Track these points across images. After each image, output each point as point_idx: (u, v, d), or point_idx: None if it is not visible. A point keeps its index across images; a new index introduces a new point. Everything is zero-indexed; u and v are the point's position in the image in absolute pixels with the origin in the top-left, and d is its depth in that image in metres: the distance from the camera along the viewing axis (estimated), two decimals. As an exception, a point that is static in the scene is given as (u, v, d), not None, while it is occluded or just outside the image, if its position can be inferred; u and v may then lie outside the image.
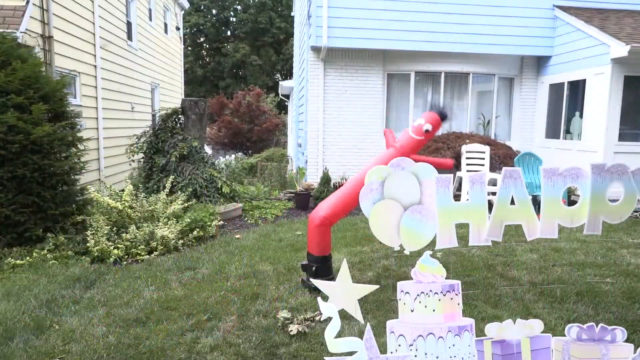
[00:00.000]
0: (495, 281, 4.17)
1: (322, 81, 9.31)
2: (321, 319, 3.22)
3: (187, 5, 16.93)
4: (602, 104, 7.96)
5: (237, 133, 19.95)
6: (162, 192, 6.30)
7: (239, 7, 34.04)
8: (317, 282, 2.14)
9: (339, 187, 8.49)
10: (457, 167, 8.04)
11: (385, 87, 9.69)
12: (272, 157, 16.40)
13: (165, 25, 14.64)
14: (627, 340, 2.18)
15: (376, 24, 8.98)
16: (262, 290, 3.97)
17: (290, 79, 19.59)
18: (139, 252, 5.02)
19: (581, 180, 2.27)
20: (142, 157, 7.88)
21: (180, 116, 8.03)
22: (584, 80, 8.48)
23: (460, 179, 7.74)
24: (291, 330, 3.16)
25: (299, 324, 3.23)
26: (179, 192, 6.70)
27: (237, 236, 5.89)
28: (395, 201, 2.31)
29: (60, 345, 3.06)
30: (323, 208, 3.92)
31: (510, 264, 4.68)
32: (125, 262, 4.89)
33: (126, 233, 5.21)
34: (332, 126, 9.48)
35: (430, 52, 9.36)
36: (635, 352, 2.14)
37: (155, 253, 5.08)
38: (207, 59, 34.65)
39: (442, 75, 9.72)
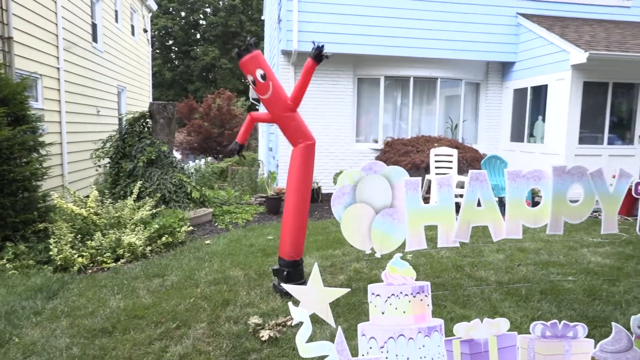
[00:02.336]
0: (464, 282, 4.25)
1: (293, 85, 9.31)
2: (293, 324, 3.21)
3: (155, 7, 16.63)
4: (563, 109, 8.27)
5: (207, 137, 19.70)
6: (129, 197, 6.15)
7: (208, 10, 33.70)
8: (288, 287, 2.12)
9: (311, 190, 8.51)
10: (426, 170, 8.18)
11: (356, 91, 9.78)
12: (242, 161, 16.25)
13: (133, 27, 14.33)
14: (587, 336, 2.26)
15: (346, 29, 9.07)
16: (232, 296, 3.92)
17: (261, 82, 19.48)
18: (105, 259, 4.87)
19: (543, 182, 2.35)
20: (108, 162, 7.67)
21: (148, 120, 7.86)
22: (546, 86, 8.79)
23: (429, 181, 7.87)
24: (262, 336, 3.13)
25: (271, 329, 3.20)
26: (147, 197, 6.55)
27: (207, 242, 5.80)
28: (367, 205, 2.33)
29: (20, 359, 2.93)
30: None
31: (477, 264, 4.78)
32: (90, 271, 4.74)
33: (91, 240, 5.05)
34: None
35: (400, 57, 9.51)
36: (595, 347, 2.22)
37: (122, 260, 4.95)
38: (176, 62, 34.10)
39: (411, 80, 9.89)
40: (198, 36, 34.26)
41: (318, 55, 3.76)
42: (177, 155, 18.87)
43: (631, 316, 2.32)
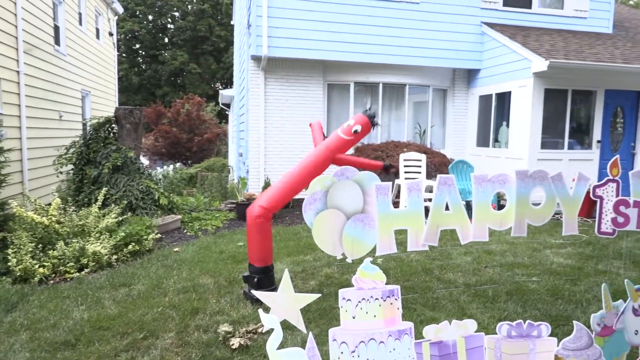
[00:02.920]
0: (433, 284, 4.32)
1: (262, 90, 9.29)
2: (263, 331, 3.17)
3: (121, 10, 16.27)
4: (526, 115, 8.55)
5: (176, 143, 19.36)
6: (93, 205, 5.96)
7: (176, 14, 33.21)
8: (258, 293, 2.10)
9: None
10: (396, 174, 8.29)
11: (326, 97, 9.83)
12: (212, 167, 16.06)
13: (97, 30, 13.97)
14: (551, 335, 2.33)
15: (316, 34, 9.12)
16: (202, 304, 3.85)
17: (231, 87, 19.34)
18: (68, 269, 4.70)
19: (508, 185, 2.42)
20: (72, 169, 7.43)
21: (114, 125, 7.67)
22: (510, 92, 9.07)
23: (399, 186, 7.98)
24: (233, 344, 3.08)
25: (241, 337, 3.16)
26: (113, 205, 6.37)
27: (176, 249, 5.69)
28: (339, 210, 2.33)
29: (-25, 376, 2.79)
30: (261, 199, 3.91)
31: (446, 267, 4.87)
32: (52, 281, 4.56)
33: (53, 250, 4.87)
34: (274, 135, 9.46)
35: (369, 63, 9.63)
36: (558, 345, 2.30)
37: (86, 270, 4.79)
38: (144, 67, 33.42)
39: (380, 86, 10.03)
40: (166, 40, 33.70)
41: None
42: (145, 161, 18.47)
43: (591, 314, 2.41)
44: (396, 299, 2.15)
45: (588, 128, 9.20)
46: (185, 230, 6.78)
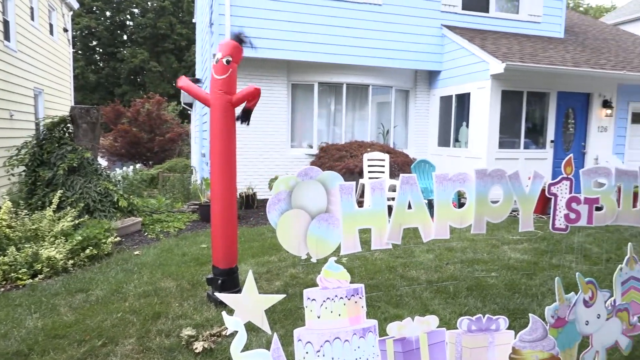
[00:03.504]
0: (397, 282, 4.39)
1: (226, 90, 9.15)
2: (227, 333, 3.14)
3: (76, 5, 15.65)
4: (484, 115, 8.82)
5: (136, 143, 18.81)
6: (48, 208, 5.72)
7: (136, 11, 32.28)
8: (222, 296, 2.07)
9: (246, 197, 8.40)
10: (360, 174, 8.37)
11: (290, 97, 9.81)
12: (174, 167, 15.71)
13: (51, 26, 13.39)
14: (509, 328, 2.42)
15: (280, 34, 9.08)
16: (164, 308, 3.76)
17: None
18: (20, 276, 4.48)
19: (467, 184, 2.48)
20: (24, 171, 7.09)
21: (69, 125, 7.37)
22: (469, 94, 9.34)
23: (363, 186, 8.06)
24: (196, 348, 3.02)
25: (205, 340, 3.11)
26: (69, 208, 6.13)
27: (136, 252, 5.53)
28: (303, 210, 2.33)
29: None
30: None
31: (409, 264, 4.96)
32: (2, 289, 4.33)
33: (4, 256, 4.63)
34: (238, 135, 9.32)
35: (333, 64, 9.68)
36: (515, 338, 2.38)
37: (40, 276, 4.58)
38: (101, 64, 32.30)
39: (344, 86, 10.10)
40: (125, 37, 32.70)
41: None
42: (103, 162, 17.85)
43: (546, 307, 2.51)
44: (360, 298, 2.17)
45: (542, 128, 9.59)
46: (146, 233, 6.60)
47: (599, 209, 2.67)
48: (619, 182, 2.71)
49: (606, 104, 9.85)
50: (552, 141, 9.56)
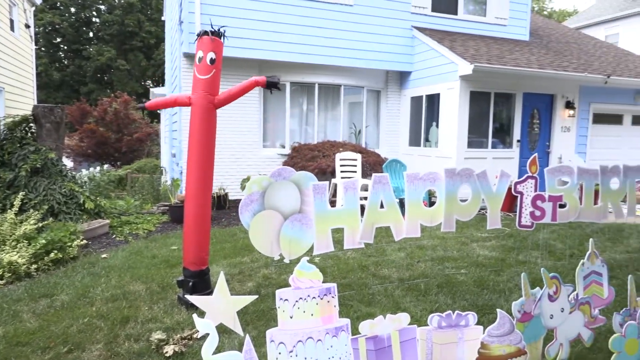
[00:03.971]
0: (369, 280, 4.43)
1: (196, 89, 9.02)
2: (199, 336, 3.09)
3: (38, 1, 15.11)
4: (454, 116, 9.00)
5: (103, 143, 18.29)
6: (9, 211, 5.50)
7: (102, 7, 31.41)
8: (193, 298, 2.04)
9: (218, 198, 8.30)
10: (333, 174, 8.40)
11: (262, 96, 9.75)
12: (144, 168, 15.36)
13: (12, 21, 12.89)
14: (478, 323, 2.47)
15: (251, 33, 9.01)
16: (133, 312, 3.67)
17: (162, 85, 18.62)
18: (-20, 282, 4.30)
19: (438, 183, 2.53)
20: (-17, 172, 6.79)
21: (32, 125, 7.10)
22: (439, 94, 9.51)
23: (336, 185, 8.09)
24: (166, 352, 2.97)
25: (175, 344, 3.05)
26: (32, 210, 5.91)
27: (104, 255, 5.39)
28: (276, 211, 2.31)
29: None
30: None
31: (381, 263, 5.01)
32: (-40, 296, 4.14)
33: (-39, 261, 4.43)
34: (209, 135, 9.22)
35: (305, 63, 9.67)
36: (484, 333, 2.44)
37: (0, 282, 4.39)
38: (66, 62, 31.28)
39: (316, 86, 10.11)
40: (91, 34, 31.77)
41: (272, 84, 3.95)
42: (69, 162, 17.29)
43: (512, 302, 2.58)
44: (333, 297, 2.18)
45: (509, 128, 9.86)
46: (114, 235, 6.43)
47: (562, 206, 2.77)
48: (581, 180, 2.81)
49: (569, 105, 10.21)
50: (518, 141, 9.83)
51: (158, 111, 18.56)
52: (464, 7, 10.99)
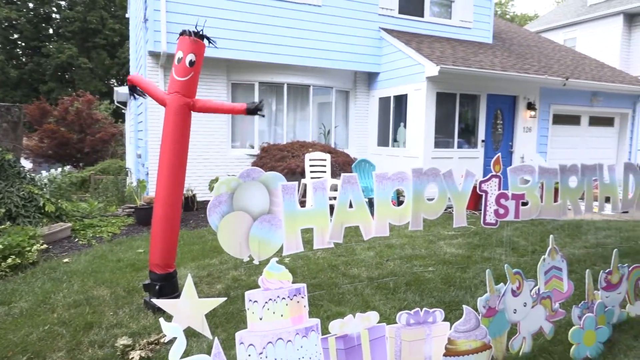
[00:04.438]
0: (339, 280, 4.45)
1: (162, 89, 8.83)
2: (166, 341, 3.03)
3: (-7, -6, 14.45)
4: (421, 116, 9.15)
5: (65, 143, 17.65)
6: (-38, 215, 5.24)
7: (63, 3, 30.30)
8: (159, 302, 2.00)
9: (185, 199, 8.15)
10: (302, 174, 8.40)
11: (230, 96, 9.64)
12: (108, 169, 14.94)
13: (-36, 16, 12.28)
14: (445, 319, 2.52)
15: (219, 32, 8.88)
16: (97, 318, 3.56)
17: (127, 84, 18.10)
18: None
19: (405, 183, 2.57)
20: None
21: (-14, 124, 6.79)
22: (406, 95, 9.65)
23: (305, 186, 8.09)
24: (132, 358, 2.89)
25: (142, 349, 2.98)
26: (-13, 213, 5.65)
27: (66, 260, 5.20)
28: (245, 212, 2.29)
29: None
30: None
31: (351, 262, 5.04)
32: None
33: None
34: (176, 136, 9.04)
35: (274, 63, 9.63)
36: (450, 329, 2.49)
37: (-47, 289, 4.18)
38: (24, 59, 30.02)
39: (285, 86, 10.08)
40: (51, 31, 30.59)
41: (253, 110, 3.84)
42: (27, 164, 16.60)
43: (478, 298, 2.65)
44: (303, 297, 2.18)
45: (474, 129, 10.11)
46: (76, 239, 6.22)
47: (524, 204, 2.86)
48: (542, 179, 2.91)
49: (530, 106, 10.56)
50: (483, 141, 10.10)
51: (123, 110, 18.09)
52: (430, 10, 11.19)
